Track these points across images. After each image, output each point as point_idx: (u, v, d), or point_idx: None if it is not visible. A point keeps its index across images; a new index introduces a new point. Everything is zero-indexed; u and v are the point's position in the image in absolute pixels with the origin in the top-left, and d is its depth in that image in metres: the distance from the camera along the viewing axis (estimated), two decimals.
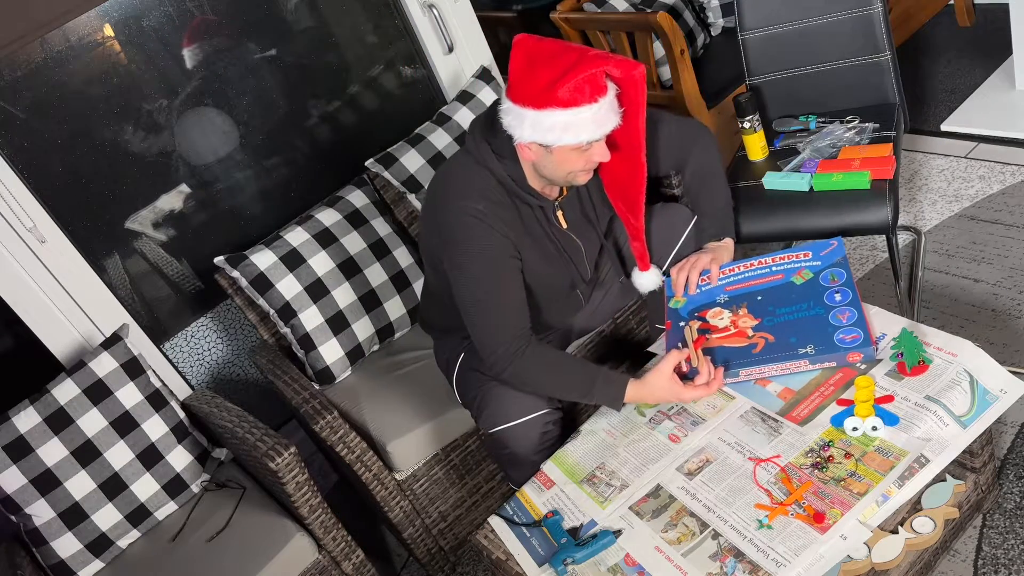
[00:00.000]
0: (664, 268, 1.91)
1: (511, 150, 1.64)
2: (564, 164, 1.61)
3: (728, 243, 1.89)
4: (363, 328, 2.24)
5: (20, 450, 1.91)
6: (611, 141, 1.65)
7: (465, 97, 2.55)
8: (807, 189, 2.02)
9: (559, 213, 1.76)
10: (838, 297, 1.64)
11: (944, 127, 2.80)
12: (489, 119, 1.67)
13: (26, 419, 1.93)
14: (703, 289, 1.80)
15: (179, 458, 2.07)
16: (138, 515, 2.02)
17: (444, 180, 1.73)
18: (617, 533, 1.50)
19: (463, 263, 1.66)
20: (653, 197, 1.95)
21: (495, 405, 1.73)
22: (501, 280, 1.66)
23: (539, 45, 1.56)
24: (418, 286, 2.29)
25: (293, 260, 2.20)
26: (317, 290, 2.20)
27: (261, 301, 2.20)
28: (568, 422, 2.19)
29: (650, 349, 1.90)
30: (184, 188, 2.47)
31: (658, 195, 2.13)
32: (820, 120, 2.21)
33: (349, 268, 2.24)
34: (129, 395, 2.03)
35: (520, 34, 1.59)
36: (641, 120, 1.64)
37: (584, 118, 1.53)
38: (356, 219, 2.29)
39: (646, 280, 1.90)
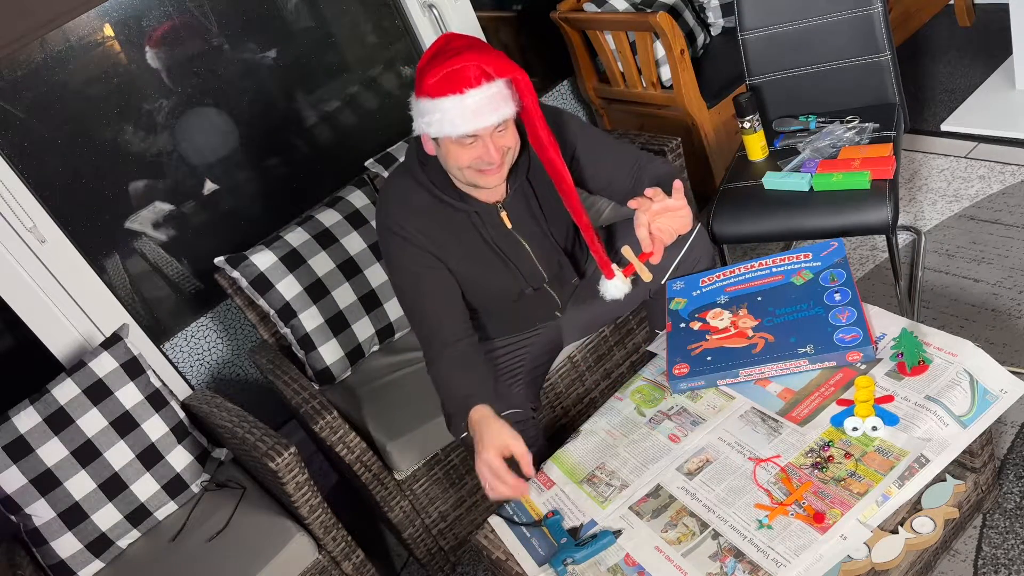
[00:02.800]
0: (666, 278, 1.85)
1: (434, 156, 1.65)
2: (451, 158, 1.57)
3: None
4: (363, 328, 2.24)
5: (20, 450, 1.91)
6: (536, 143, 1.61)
7: None
8: (807, 189, 2.02)
9: (503, 214, 1.72)
10: (838, 297, 1.64)
11: (944, 127, 2.80)
12: None
13: (26, 419, 1.93)
14: (704, 291, 1.80)
15: (179, 458, 2.07)
16: (138, 515, 2.02)
17: (380, 192, 1.76)
18: (617, 533, 1.50)
19: (389, 274, 1.78)
20: None
21: None
22: (421, 290, 1.70)
23: (451, 43, 1.53)
24: None
25: (293, 260, 2.20)
26: (317, 290, 2.20)
27: (261, 301, 2.20)
28: (559, 426, 2.20)
29: (650, 349, 1.90)
30: (184, 188, 2.47)
31: None
32: (820, 120, 2.21)
33: (349, 268, 2.23)
34: (129, 395, 2.03)
35: (449, 32, 1.57)
36: (534, 120, 1.57)
37: (448, 107, 1.49)
38: (356, 219, 2.29)
39: (611, 288, 1.74)
